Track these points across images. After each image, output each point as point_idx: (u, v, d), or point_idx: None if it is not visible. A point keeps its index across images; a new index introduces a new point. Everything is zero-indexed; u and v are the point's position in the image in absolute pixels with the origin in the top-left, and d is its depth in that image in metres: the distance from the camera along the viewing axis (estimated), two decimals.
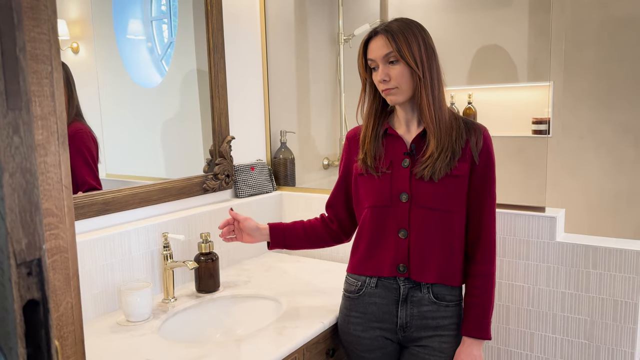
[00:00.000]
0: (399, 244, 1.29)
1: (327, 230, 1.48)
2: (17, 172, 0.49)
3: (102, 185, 1.57)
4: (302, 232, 1.48)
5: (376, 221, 1.32)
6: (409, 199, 1.27)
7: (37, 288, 0.52)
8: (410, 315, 1.30)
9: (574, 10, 2.50)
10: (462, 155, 1.26)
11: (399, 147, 1.31)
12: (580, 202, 2.56)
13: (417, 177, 1.26)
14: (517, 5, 2.38)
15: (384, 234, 1.31)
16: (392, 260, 1.30)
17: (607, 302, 1.51)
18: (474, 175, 1.28)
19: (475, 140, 1.27)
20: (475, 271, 1.30)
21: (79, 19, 1.56)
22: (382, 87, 1.27)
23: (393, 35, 1.24)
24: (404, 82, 1.25)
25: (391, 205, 1.29)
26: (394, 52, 1.24)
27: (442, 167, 1.24)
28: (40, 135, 0.59)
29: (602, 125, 2.50)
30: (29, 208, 0.51)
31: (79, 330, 0.65)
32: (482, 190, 1.29)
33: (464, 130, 1.27)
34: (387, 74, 1.25)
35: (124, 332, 1.36)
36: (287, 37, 2.28)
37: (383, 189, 1.30)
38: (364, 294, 1.34)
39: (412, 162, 1.28)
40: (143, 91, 1.81)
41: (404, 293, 1.30)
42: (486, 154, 1.28)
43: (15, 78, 0.49)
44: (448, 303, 1.30)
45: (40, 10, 0.58)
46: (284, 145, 2.17)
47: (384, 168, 1.30)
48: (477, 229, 1.30)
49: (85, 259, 1.43)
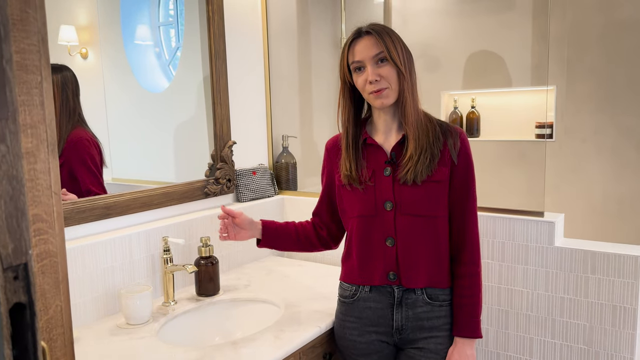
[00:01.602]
0: (387, 253, 1.29)
1: (317, 235, 1.49)
2: (3, 179, 0.51)
3: (106, 191, 1.59)
4: (294, 234, 1.49)
5: (363, 231, 1.32)
6: (394, 207, 1.27)
7: (23, 291, 0.54)
8: (405, 318, 1.31)
9: (575, 14, 2.50)
10: (440, 158, 1.26)
11: (380, 156, 1.31)
12: (583, 207, 2.55)
13: (401, 182, 1.26)
14: (519, 10, 2.38)
15: (371, 243, 1.31)
16: (382, 269, 1.30)
17: (606, 308, 1.50)
18: (455, 178, 1.28)
19: (452, 142, 1.27)
20: (462, 272, 1.30)
21: (88, 24, 1.59)
22: (372, 88, 1.24)
23: (381, 35, 1.23)
24: (393, 82, 1.24)
25: (376, 214, 1.29)
26: (384, 51, 1.22)
27: (424, 169, 1.24)
28: (30, 144, 0.61)
29: (605, 129, 2.49)
30: (16, 214, 0.52)
31: (68, 333, 0.67)
32: (463, 192, 1.29)
33: (440, 133, 1.27)
34: (378, 73, 1.23)
35: (123, 335, 1.38)
36: (290, 41, 2.29)
37: (367, 200, 1.30)
38: (359, 299, 1.35)
39: (394, 169, 1.28)
40: (150, 96, 1.83)
41: (398, 296, 1.31)
42: (464, 155, 1.28)
43: (2, 89, 0.51)
44: (441, 303, 1.31)
45: (30, 23, 0.60)
46: (285, 150, 2.19)
47: (367, 179, 1.30)
48: (461, 231, 1.30)
49: (87, 262, 1.45)
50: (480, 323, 1.31)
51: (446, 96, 2.68)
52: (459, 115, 2.68)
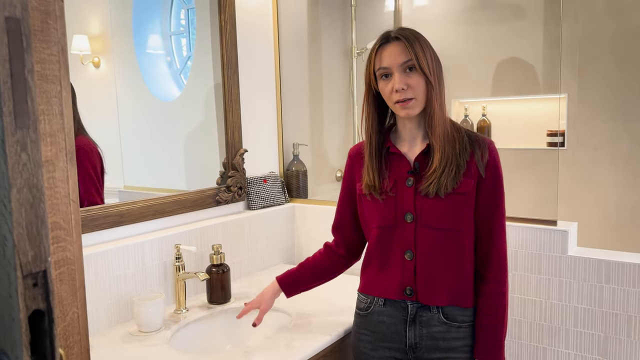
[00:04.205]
0: (405, 266, 1.24)
1: (332, 260, 1.43)
2: (24, 187, 0.52)
3: (104, 200, 1.56)
4: (310, 274, 1.45)
5: (382, 242, 1.27)
6: (414, 219, 1.22)
7: (42, 299, 0.54)
8: (419, 336, 1.25)
9: (587, 21, 2.49)
10: (467, 169, 1.20)
11: (403, 166, 1.26)
12: (597, 215, 2.52)
13: (423, 194, 1.21)
14: (530, 17, 2.37)
15: (390, 256, 1.27)
16: (399, 283, 1.25)
17: (621, 318, 1.48)
18: (482, 191, 1.22)
19: (480, 154, 1.21)
20: (487, 291, 1.24)
21: (100, 34, 1.61)
22: (397, 97, 1.19)
23: (410, 41, 1.18)
24: (420, 92, 1.19)
25: (396, 226, 1.24)
26: (412, 59, 1.17)
27: (448, 182, 1.18)
28: (49, 152, 0.62)
29: (617, 137, 2.47)
30: (36, 222, 0.53)
31: (84, 340, 0.68)
32: (491, 206, 1.23)
33: (467, 143, 1.22)
34: (406, 82, 1.18)
35: (135, 342, 1.39)
36: (301, 50, 2.31)
37: (387, 211, 1.25)
38: (373, 312, 1.30)
39: (416, 180, 1.23)
40: (162, 104, 1.85)
41: (412, 313, 1.25)
42: (493, 168, 1.22)
43: (23, 98, 0.52)
44: (460, 324, 1.24)
45: (51, 33, 0.61)
46: (296, 158, 2.19)
47: (388, 190, 1.25)
48: (486, 248, 1.24)
49: (100, 269, 1.46)
50: (504, 347, 1.24)
51: (457, 104, 2.68)
52: (469, 123, 2.67)
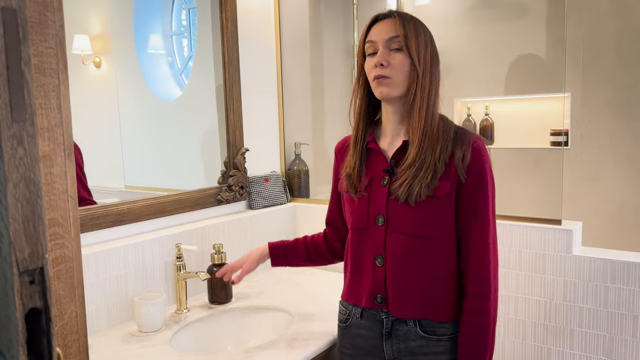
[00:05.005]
0: (376, 272, 1.15)
1: (329, 247, 1.37)
2: (20, 182, 0.51)
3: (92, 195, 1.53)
4: (303, 252, 1.39)
5: (355, 245, 1.19)
6: (385, 222, 1.13)
7: (39, 296, 0.53)
8: (397, 351, 1.15)
9: (591, 20, 2.47)
10: (445, 171, 1.08)
11: (380, 163, 1.16)
12: (601, 215, 2.51)
13: (393, 196, 1.11)
14: (534, 16, 2.36)
15: (362, 260, 1.18)
16: (370, 290, 1.16)
17: (627, 318, 1.47)
18: (461, 196, 1.10)
19: (460, 155, 1.08)
20: (467, 307, 1.11)
21: (101, 34, 1.60)
22: (375, 72, 1.10)
23: (403, 20, 1.11)
24: (400, 74, 1.10)
25: (367, 228, 1.15)
26: (400, 37, 1.09)
27: (422, 188, 1.07)
28: (47, 147, 0.60)
29: (621, 136, 2.45)
30: (32, 218, 0.52)
31: (83, 339, 0.66)
32: (470, 213, 1.10)
33: (450, 143, 1.09)
34: (387, 59, 1.10)
35: (135, 343, 1.37)
36: (302, 49, 2.30)
37: (360, 211, 1.17)
38: (351, 325, 1.22)
39: (392, 179, 1.13)
40: (163, 104, 1.84)
41: (388, 326, 1.16)
42: (476, 171, 1.08)
43: (20, 91, 0.50)
44: (440, 337, 1.13)
45: (48, 26, 0.59)
46: (298, 157, 2.18)
47: (362, 188, 1.16)
48: (465, 259, 1.11)
49: (100, 269, 1.45)
50: None
51: (459, 103, 2.66)
52: (472, 122, 2.66)
